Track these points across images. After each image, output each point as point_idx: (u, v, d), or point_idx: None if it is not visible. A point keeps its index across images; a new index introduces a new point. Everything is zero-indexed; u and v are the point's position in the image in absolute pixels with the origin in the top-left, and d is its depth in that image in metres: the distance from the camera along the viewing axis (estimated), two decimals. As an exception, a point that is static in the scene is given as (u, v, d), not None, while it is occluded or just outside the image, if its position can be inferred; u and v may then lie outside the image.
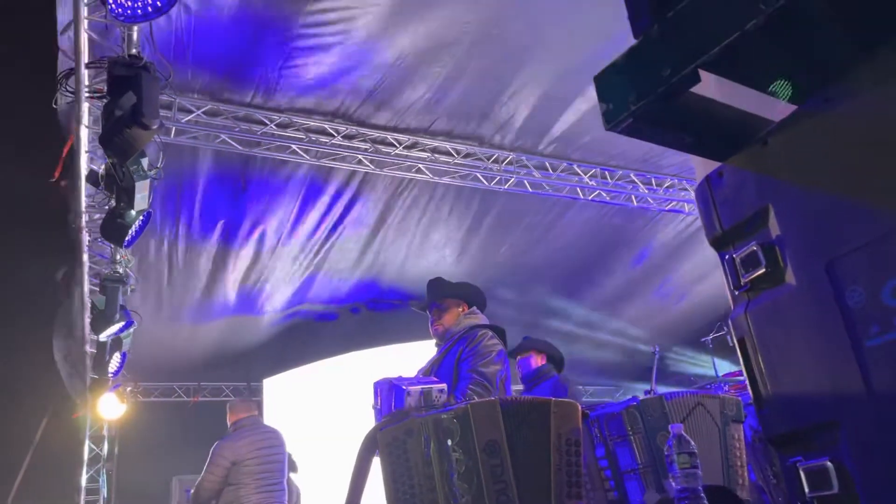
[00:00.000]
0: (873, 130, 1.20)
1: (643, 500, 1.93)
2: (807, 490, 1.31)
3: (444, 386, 3.14)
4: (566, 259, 8.95)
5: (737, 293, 1.50)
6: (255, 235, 7.64)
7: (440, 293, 3.46)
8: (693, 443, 1.75)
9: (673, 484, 1.71)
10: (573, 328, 10.18)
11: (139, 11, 3.22)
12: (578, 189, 7.83)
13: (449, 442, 1.78)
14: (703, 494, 1.68)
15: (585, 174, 7.74)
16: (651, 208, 8.34)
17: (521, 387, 5.10)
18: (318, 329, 9.38)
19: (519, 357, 4.83)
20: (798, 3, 1.10)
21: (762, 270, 1.41)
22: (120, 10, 3.17)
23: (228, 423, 5.79)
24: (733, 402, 2.15)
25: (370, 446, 1.92)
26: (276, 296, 8.75)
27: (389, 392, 2.71)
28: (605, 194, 7.96)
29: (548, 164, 7.56)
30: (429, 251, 8.42)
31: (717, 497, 1.76)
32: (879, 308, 1.20)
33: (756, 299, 1.44)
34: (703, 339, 8.21)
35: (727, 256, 1.51)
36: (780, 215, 1.39)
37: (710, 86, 1.52)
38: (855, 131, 1.24)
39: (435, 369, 3.28)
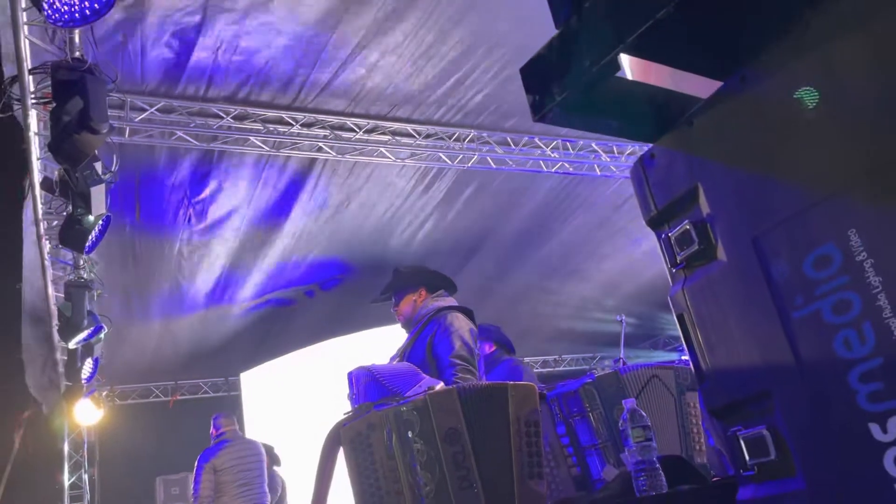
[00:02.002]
0: (785, 108, 1.24)
1: (602, 476, 1.98)
2: (747, 458, 1.36)
3: (442, 384, 3.18)
4: (532, 228, 8.99)
5: (674, 271, 1.54)
6: (216, 225, 7.55)
7: (392, 286, 3.46)
8: (646, 416, 1.80)
9: (629, 457, 1.76)
10: (545, 300, 10.28)
11: (77, 15, 3.15)
12: (542, 162, 7.86)
13: (410, 433, 1.81)
14: (658, 466, 1.73)
15: (547, 147, 7.77)
16: (615, 176, 8.41)
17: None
18: (286, 317, 9.35)
19: None
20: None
21: (695, 248, 1.45)
22: (56, 14, 3.10)
23: (212, 436, 6.14)
24: (687, 371, 2.21)
25: (333, 442, 1.95)
26: (243, 286, 8.69)
27: (367, 383, 2.73)
28: (568, 165, 8.00)
29: (509, 140, 7.56)
30: (393, 227, 8.41)
31: (673, 466, 1.81)
32: (802, 280, 1.25)
33: (692, 276, 1.49)
34: (669, 296, 8.32)
35: (663, 235, 1.54)
36: (709, 193, 1.42)
37: (635, 67, 1.55)
38: (769, 110, 1.27)
39: (407, 354, 3.28)
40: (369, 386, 2.70)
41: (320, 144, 6.77)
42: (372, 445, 1.90)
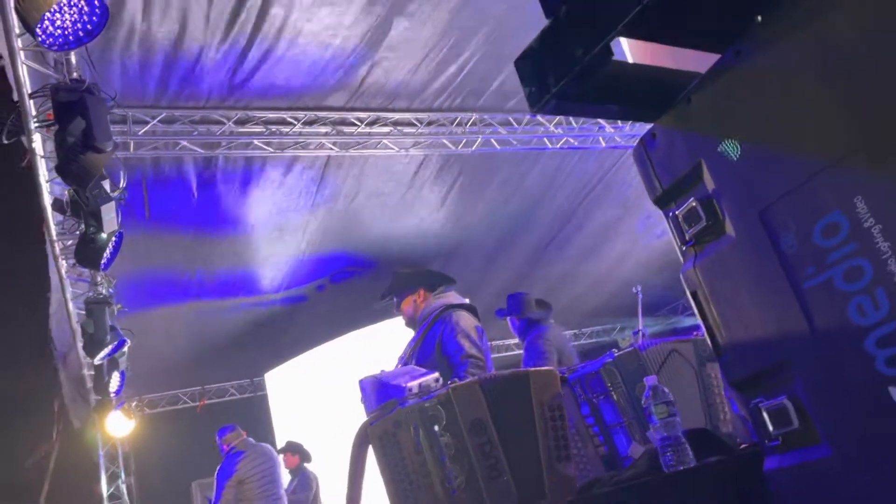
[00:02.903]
0: (781, 79, 1.23)
1: (629, 453, 2.00)
2: (771, 428, 1.38)
3: (436, 375, 3.23)
4: (543, 208, 8.98)
5: (684, 248, 1.55)
6: (222, 224, 7.59)
7: (391, 288, 3.51)
8: (668, 391, 1.81)
9: (654, 434, 1.78)
10: (560, 275, 10.27)
11: (70, 38, 3.17)
12: (546, 139, 7.83)
13: (436, 427, 1.83)
14: (684, 440, 1.75)
15: (550, 123, 7.74)
16: (620, 146, 8.36)
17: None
18: (302, 314, 9.41)
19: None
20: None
21: (703, 224, 1.45)
22: (50, 39, 3.12)
23: (222, 451, 6.45)
24: (707, 343, 2.21)
25: (362, 442, 1.98)
26: (258, 286, 8.76)
27: (380, 391, 2.77)
28: (572, 140, 7.96)
29: (511, 119, 7.54)
30: (405, 218, 8.42)
31: (699, 438, 1.83)
32: (812, 250, 1.25)
33: (702, 252, 1.49)
34: (681, 273, 8.29)
35: (671, 214, 1.55)
36: (713, 169, 1.42)
37: (633, 47, 1.55)
38: (766, 82, 1.27)
39: (416, 354, 3.32)
40: (378, 391, 2.76)
41: (323, 141, 6.78)
42: (400, 442, 1.93)
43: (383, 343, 8.14)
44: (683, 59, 1.58)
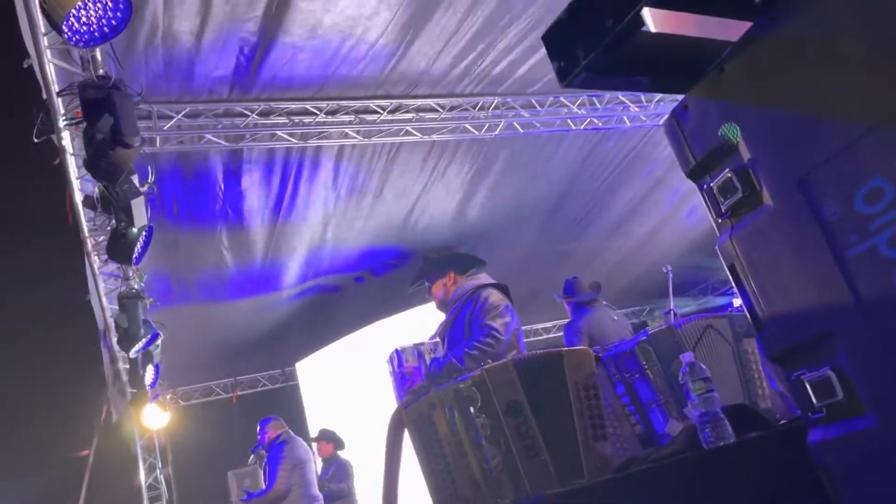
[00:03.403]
0: (819, 44, 1.20)
1: (666, 430, 1.98)
2: (814, 401, 1.35)
3: (436, 341, 3.26)
4: (567, 190, 8.92)
5: (720, 221, 1.52)
6: (256, 214, 7.65)
7: (421, 273, 3.53)
8: (705, 367, 1.79)
9: (692, 410, 1.76)
10: (588, 255, 10.20)
11: (96, 34, 3.20)
12: (570, 121, 7.75)
13: (471, 409, 1.83)
14: (723, 416, 1.73)
15: (573, 104, 7.66)
16: (645, 126, 8.26)
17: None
18: (333, 304, 9.47)
19: None
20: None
21: (739, 195, 1.43)
22: (77, 36, 3.15)
23: (268, 437, 6.76)
24: (743, 318, 2.18)
25: (397, 425, 1.99)
26: (286, 275, 8.82)
27: (391, 360, 2.83)
28: (596, 121, 7.87)
29: (534, 102, 7.47)
30: (432, 206, 8.42)
31: (738, 415, 1.80)
32: (854, 217, 1.22)
33: (738, 224, 1.46)
34: (716, 247, 8.20)
35: (705, 186, 1.52)
36: (748, 139, 1.39)
37: (656, 18, 1.51)
38: (803, 47, 1.24)
39: (448, 332, 3.35)
40: (395, 361, 2.82)
41: (346, 130, 6.78)
42: (435, 424, 1.94)
43: (413, 330, 8.15)
44: (706, 29, 1.55)
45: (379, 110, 6.83)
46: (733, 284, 1.49)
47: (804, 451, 1.40)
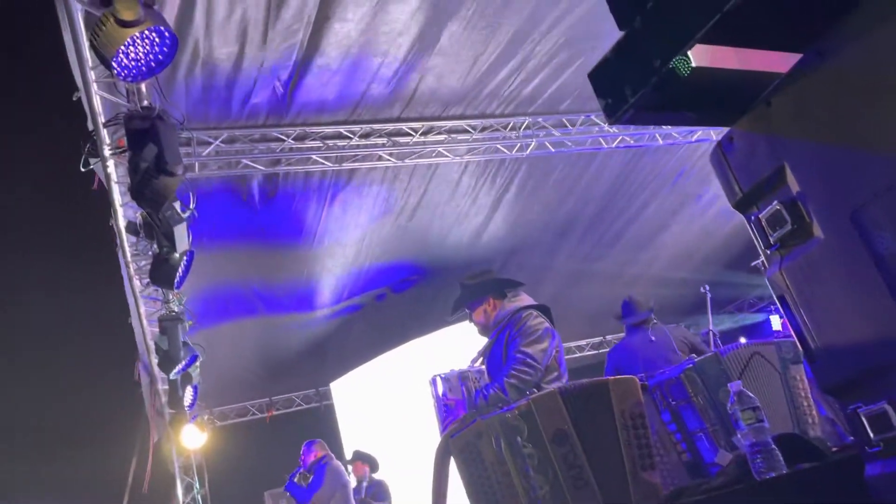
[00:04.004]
0: (868, 77, 1.21)
1: (715, 460, 1.97)
2: (871, 434, 1.34)
3: (481, 369, 3.25)
4: (599, 207, 8.90)
5: (769, 252, 1.52)
6: (286, 237, 7.75)
7: (461, 301, 3.51)
8: (754, 396, 1.78)
9: (742, 440, 1.75)
10: (618, 272, 10.14)
11: (143, 69, 3.31)
12: (601, 139, 7.75)
13: (518, 438, 1.84)
14: (774, 446, 1.72)
15: (605, 123, 7.65)
16: (678, 142, 8.22)
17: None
18: (362, 323, 9.52)
19: None
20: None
21: (789, 227, 1.43)
22: (125, 71, 3.26)
23: (312, 458, 6.93)
24: (790, 345, 2.16)
25: (444, 454, 2.00)
26: (319, 297, 8.90)
27: (433, 385, 2.84)
28: (628, 139, 7.86)
29: (565, 121, 7.49)
30: (463, 223, 8.45)
31: (789, 444, 1.79)
32: (910, 250, 1.22)
33: (788, 256, 1.46)
34: (753, 263, 8.09)
35: (752, 218, 1.53)
36: (797, 171, 1.40)
37: (699, 53, 1.53)
38: (852, 80, 1.24)
39: (487, 356, 3.36)
40: (436, 388, 2.82)
41: (379, 153, 6.87)
42: (482, 453, 1.95)
43: (446, 350, 8.18)
44: (749, 61, 1.56)
45: (412, 133, 6.91)
46: (784, 316, 1.48)
47: (860, 483, 1.38)
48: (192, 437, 8.02)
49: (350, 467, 7.89)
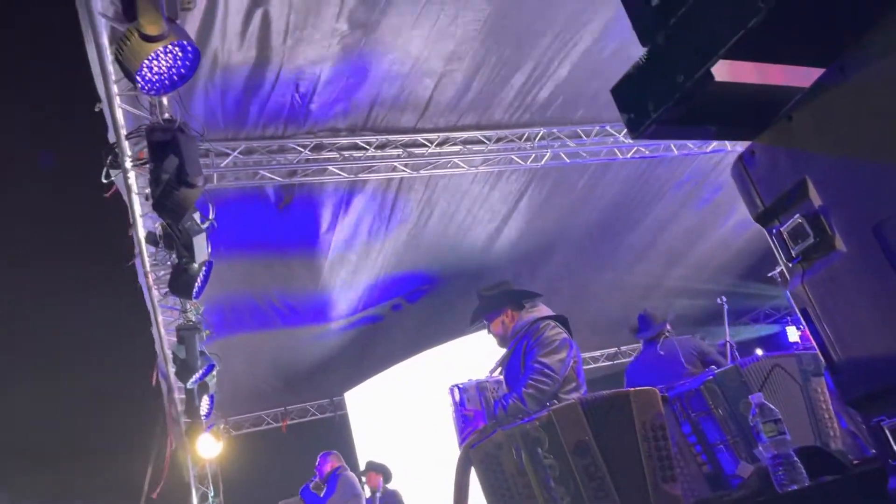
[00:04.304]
0: (890, 93, 1.22)
1: (736, 472, 1.97)
2: (895, 447, 1.34)
3: (500, 379, 3.25)
4: (614, 216, 8.89)
5: (791, 265, 1.53)
6: (302, 247, 7.79)
7: (479, 312, 3.53)
8: (776, 409, 1.78)
9: (763, 452, 1.75)
10: (633, 283, 10.11)
11: (167, 82, 3.36)
12: (616, 150, 7.76)
13: (539, 450, 1.85)
14: (796, 458, 1.72)
15: (619, 133, 7.66)
16: (693, 153, 8.20)
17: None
18: (378, 333, 9.54)
19: None
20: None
21: (811, 241, 1.44)
22: (149, 85, 3.31)
23: (328, 468, 7.02)
24: (810, 357, 2.16)
25: (465, 465, 2.01)
26: (334, 307, 8.94)
27: (451, 394, 2.85)
28: (643, 149, 7.86)
29: (580, 132, 7.51)
30: (476, 231, 8.47)
31: (811, 456, 1.79)
32: (933, 264, 1.22)
33: (811, 269, 1.47)
34: (770, 274, 8.06)
35: (774, 231, 1.54)
36: (819, 185, 1.41)
37: (720, 68, 1.54)
38: (874, 96, 1.26)
39: (506, 366, 3.37)
40: (456, 400, 2.83)
41: (395, 164, 6.91)
42: (502, 464, 1.96)
43: (461, 360, 8.18)
44: (769, 75, 1.57)
45: (427, 143, 6.95)
46: (807, 328, 1.49)
47: (883, 496, 1.39)
48: (208, 447, 8.05)
49: (364, 478, 7.89)
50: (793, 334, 10.41)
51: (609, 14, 5.79)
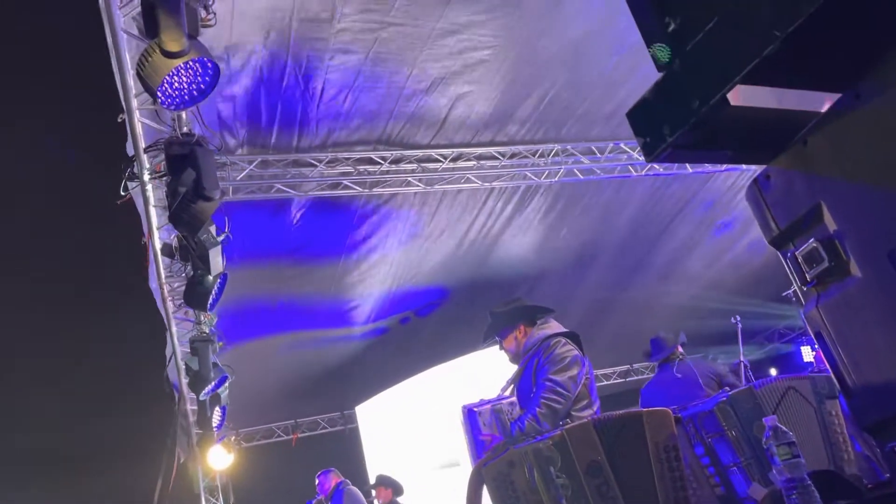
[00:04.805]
0: (908, 123, 1.23)
1: (749, 494, 1.96)
2: (909, 473, 1.34)
3: (513, 400, 3.24)
4: (628, 234, 8.88)
5: (805, 289, 1.53)
6: (312, 259, 7.82)
7: (492, 329, 3.53)
8: (790, 432, 1.77)
9: (777, 475, 1.74)
10: (646, 301, 10.07)
11: (186, 97, 3.42)
12: (630, 167, 7.76)
13: (551, 469, 1.85)
14: (810, 482, 1.71)
15: (634, 150, 7.66)
16: (708, 171, 8.19)
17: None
18: (387, 346, 9.54)
19: None
20: (811, 22, 1.14)
21: (826, 265, 1.44)
22: (169, 100, 3.37)
23: (331, 485, 7.01)
24: (825, 379, 2.15)
25: (477, 483, 2.02)
26: (345, 320, 8.95)
27: (465, 416, 2.84)
28: (657, 167, 7.85)
29: (594, 149, 7.52)
30: (490, 247, 8.48)
31: (825, 480, 1.78)
32: (949, 291, 1.22)
33: (825, 293, 1.48)
34: (784, 294, 8.01)
35: (789, 254, 1.54)
36: (834, 210, 1.42)
37: (744, 96, 1.56)
38: (890, 123, 1.27)
39: (517, 384, 3.36)
40: (470, 422, 2.82)
41: (409, 179, 6.94)
42: (514, 482, 1.96)
43: (471, 375, 8.17)
44: (785, 100, 1.58)
45: (441, 159, 6.98)
46: (821, 352, 1.49)
47: (899, 523, 1.38)
48: (219, 458, 8.06)
49: (374, 492, 7.87)
50: (807, 354, 10.33)
51: (629, 38, 5.82)
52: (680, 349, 4.80)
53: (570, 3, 5.47)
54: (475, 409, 2.47)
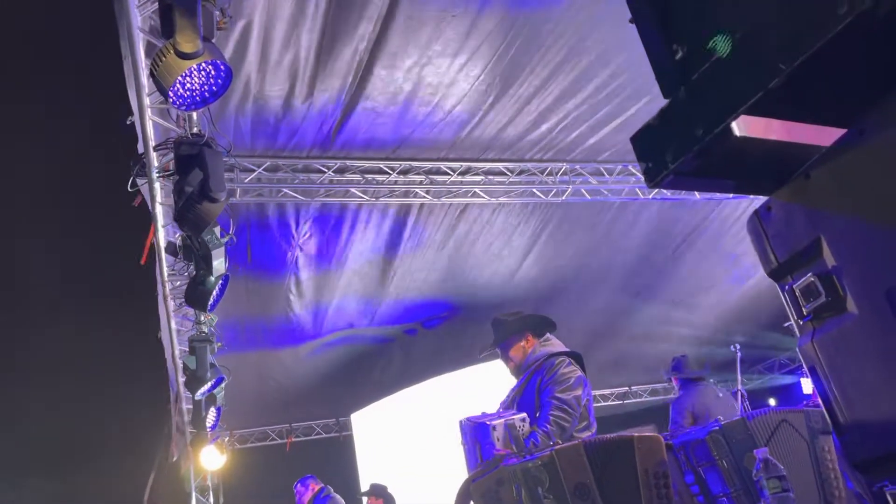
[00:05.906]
0: (911, 163, 1.23)
1: (738, 527, 1.95)
2: (898, 514, 1.33)
3: (524, 415, 3.22)
4: (632, 259, 8.87)
5: (801, 322, 1.52)
6: (318, 266, 7.82)
7: (499, 336, 3.53)
8: (781, 465, 1.76)
9: (766, 509, 1.73)
10: (645, 326, 10.05)
11: (198, 98, 3.44)
12: (638, 189, 7.77)
13: (539, 489, 1.85)
14: (797, 516, 1.70)
15: (642, 173, 7.66)
16: (715, 198, 8.19)
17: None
18: (389, 355, 9.53)
19: None
20: (817, 57, 1.15)
21: (823, 300, 1.43)
22: (180, 100, 3.39)
23: (310, 494, 7.00)
24: (819, 414, 2.14)
25: (464, 498, 2.01)
26: (344, 325, 8.95)
27: (475, 430, 2.81)
28: (665, 191, 7.85)
29: (602, 169, 7.53)
30: (493, 263, 8.48)
31: (813, 516, 1.77)
32: (945, 332, 1.22)
33: (821, 328, 1.47)
34: (785, 325, 7.97)
35: (786, 287, 1.53)
36: (833, 245, 1.41)
37: (742, 122, 1.56)
38: (893, 162, 1.26)
39: (517, 400, 3.36)
40: (470, 429, 2.79)
41: (417, 190, 6.96)
42: (502, 500, 1.95)
43: (468, 389, 8.15)
44: (792, 133, 1.58)
45: (449, 172, 7.01)
46: (814, 387, 1.48)
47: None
48: (212, 458, 8.06)
49: (365, 499, 7.84)
50: (807, 386, 10.27)
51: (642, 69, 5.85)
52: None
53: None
54: (489, 423, 2.45)
